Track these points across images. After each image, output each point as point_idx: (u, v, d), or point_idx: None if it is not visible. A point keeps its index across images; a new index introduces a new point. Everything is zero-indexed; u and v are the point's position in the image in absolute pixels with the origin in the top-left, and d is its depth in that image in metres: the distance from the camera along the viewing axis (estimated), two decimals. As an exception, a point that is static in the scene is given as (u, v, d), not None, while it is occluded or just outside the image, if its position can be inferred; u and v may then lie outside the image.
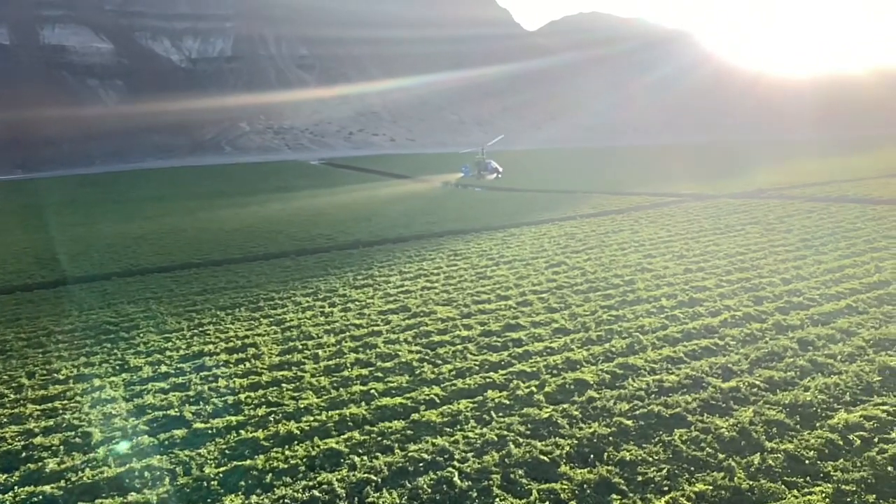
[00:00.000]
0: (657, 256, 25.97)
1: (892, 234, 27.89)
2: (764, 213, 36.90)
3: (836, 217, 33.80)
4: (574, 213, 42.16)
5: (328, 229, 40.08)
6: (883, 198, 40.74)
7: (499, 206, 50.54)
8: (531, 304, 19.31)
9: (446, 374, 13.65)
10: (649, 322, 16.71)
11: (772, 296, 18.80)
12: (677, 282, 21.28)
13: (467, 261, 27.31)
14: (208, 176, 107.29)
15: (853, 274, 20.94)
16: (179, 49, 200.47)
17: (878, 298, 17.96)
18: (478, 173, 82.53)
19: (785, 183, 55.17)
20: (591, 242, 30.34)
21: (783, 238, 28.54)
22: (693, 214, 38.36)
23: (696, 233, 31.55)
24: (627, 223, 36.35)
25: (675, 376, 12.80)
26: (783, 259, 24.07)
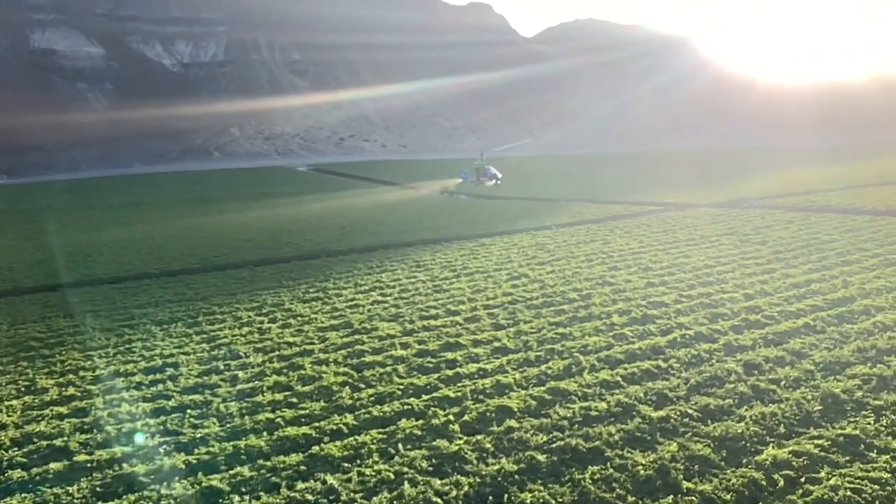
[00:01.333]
0: (622, 269, 25.14)
1: (866, 246, 27.11)
2: (742, 224, 36.12)
3: (814, 228, 33.03)
4: (551, 223, 41.32)
5: (298, 238, 39.20)
6: (864, 208, 40.01)
7: (479, 214, 49.72)
8: (479, 321, 18.45)
9: (365, 399, 12.76)
10: (594, 341, 15.85)
11: (730, 313, 17.96)
12: (635, 297, 20.44)
13: (428, 272, 26.45)
14: (192, 182, 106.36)
15: (818, 289, 20.11)
16: (171, 53, 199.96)
17: (839, 316, 17.14)
18: (477, 179, 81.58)
19: (771, 192, 54.49)
20: (559, 253, 29.51)
21: (756, 250, 27.74)
22: (670, 224, 37.57)
23: (668, 244, 30.74)
24: (602, 233, 35.54)
25: (605, 403, 11.93)
26: (751, 273, 23.24)
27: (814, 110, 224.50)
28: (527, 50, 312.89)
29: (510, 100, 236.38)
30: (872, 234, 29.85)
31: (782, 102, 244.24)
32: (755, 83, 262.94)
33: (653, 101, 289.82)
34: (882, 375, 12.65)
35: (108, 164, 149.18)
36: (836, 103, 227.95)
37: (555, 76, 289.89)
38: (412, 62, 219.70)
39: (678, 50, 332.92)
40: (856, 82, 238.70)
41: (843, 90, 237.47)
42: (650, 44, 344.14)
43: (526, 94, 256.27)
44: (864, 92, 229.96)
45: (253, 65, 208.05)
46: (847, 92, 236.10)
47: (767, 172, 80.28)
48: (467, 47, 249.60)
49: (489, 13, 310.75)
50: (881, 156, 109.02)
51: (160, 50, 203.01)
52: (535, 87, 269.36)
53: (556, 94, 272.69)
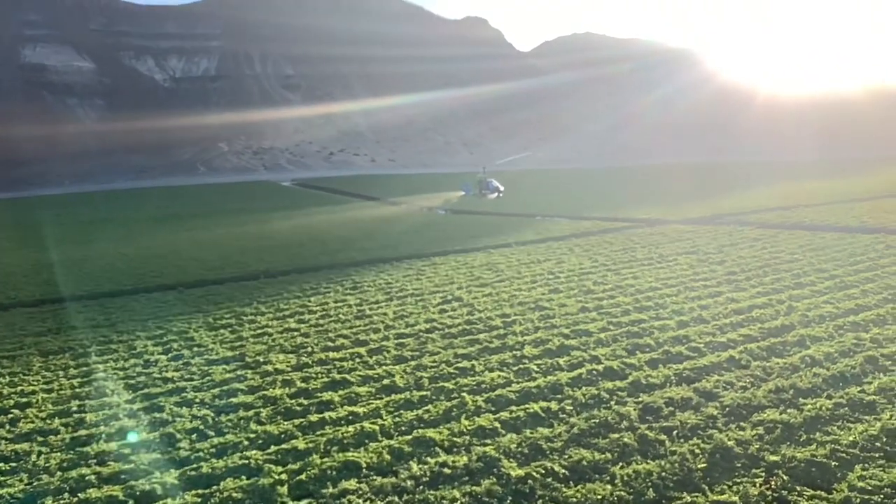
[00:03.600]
0: (563, 291, 23.72)
1: (825, 266, 25.67)
2: (707, 242, 34.71)
3: (779, 246, 31.63)
4: (515, 240, 40.05)
5: (250, 257, 37.84)
6: (837, 225, 38.63)
7: (446, 231, 48.38)
8: (383, 352, 17.00)
9: (204, 451, 11.29)
10: (493, 378, 14.39)
11: (653, 344, 16.50)
12: (562, 323, 19.01)
13: (361, 295, 25.03)
14: (172, 197, 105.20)
15: (759, 316, 18.67)
16: (163, 68, 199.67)
17: (770, 348, 15.68)
18: (479, 192, 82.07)
19: (749, 207, 53.12)
20: (506, 274, 28.11)
21: (710, 271, 26.30)
22: (633, 242, 36.17)
23: (622, 263, 29.33)
24: (560, 252, 34.18)
25: (467, 458, 10.45)
26: (695, 297, 21.80)
27: (815, 123, 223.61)
28: (523, 64, 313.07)
29: (505, 114, 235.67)
30: (836, 254, 28.42)
31: (783, 115, 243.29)
32: (755, 96, 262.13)
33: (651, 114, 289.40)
34: (789, 423, 11.18)
35: (92, 180, 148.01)
36: (838, 116, 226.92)
37: (551, 90, 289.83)
38: (405, 76, 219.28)
39: (677, 63, 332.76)
40: (858, 95, 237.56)
41: (845, 103, 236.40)
42: (648, 57, 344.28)
43: (521, 109, 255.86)
44: (867, 105, 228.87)
45: (245, 79, 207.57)
46: (849, 105, 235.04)
47: (754, 187, 79.02)
48: (462, 61, 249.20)
49: (485, 27, 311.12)
50: (875, 170, 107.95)
51: (152, 65, 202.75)
52: (530, 102, 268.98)
53: (552, 109, 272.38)
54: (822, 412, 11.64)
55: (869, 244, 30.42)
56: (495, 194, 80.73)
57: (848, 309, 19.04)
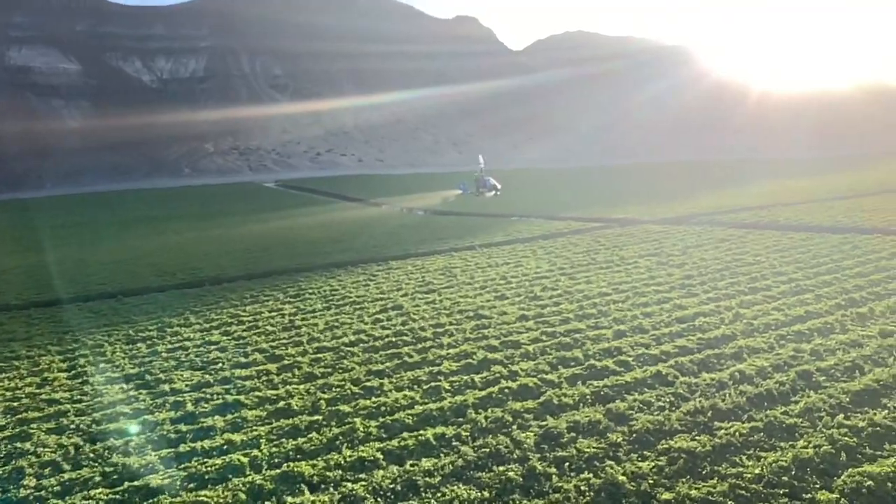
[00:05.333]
0: (509, 298, 22.67)
1: (786, 269, 24.67)
2: (673, 243, 33.71)
3: (745, 248, 30.63)
4: (481, 242, 38.97)
5: (207, 262, 36.74)
6: (810, 224, 37.67)
7: (416, 232, 47.25)
8: (294, 369, 15.92)
9: (46, 492, 10.17)
10: (397, 399, 13.32)
11: (581, 357, 15.44)
12: (494, 334, 17.96)
13: (301, 304, 23.95)
14: (151, 200, 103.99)
15: (702, 325, 17.64)
16: (150, 69, 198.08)
17: (702, 362, 14.64)
18: (476, 190, 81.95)
19: (728, 206, 52.16)
20: (459, 279, 27.06)
21: (667, 274, 25.27)
22: (599, 244, 35.15)
23: (581, 266, 28.29)
24: (523, 254, 33.15)
25: (329, 497, 9.37)
26: (643, 303, 20.76)
27: (810, 121, 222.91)
28: (514, 62, 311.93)
29: (495, 113, 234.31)
30: (800, 256, 27.41)
31: (778, 113, 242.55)
32: (750, 94, 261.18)
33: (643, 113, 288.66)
34: (695, 452, 10.13)
35: (73, 182, 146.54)
36: (833, 113, 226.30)
37: (542, 88, 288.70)
38: (395, 74, 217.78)
39: (670, 61, 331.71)
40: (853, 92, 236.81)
41: (840, 100, 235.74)
42: (641, 55, 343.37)
43: (512, 107, 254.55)
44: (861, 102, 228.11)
45: (233, 80, 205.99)
46: (843, 102, 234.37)
47: (738, 185, 78.18)
48: (452, 59, 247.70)
49: (475, 26, 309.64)
50: (866, 167, 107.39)
51: (139, 66, 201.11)
52: (522, 100, 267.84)
53: (543, 107, 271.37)
54: (734, 438, 10.60)
55: (836, 245, 29.41)
56: (492, 192, 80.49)
57: (796, 316, 18.03)
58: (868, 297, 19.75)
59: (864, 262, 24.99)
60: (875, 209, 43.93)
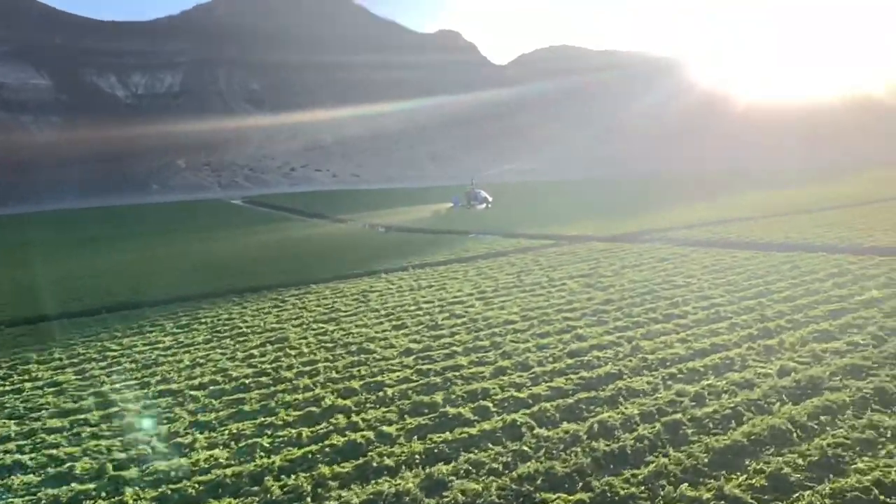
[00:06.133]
0: (406, 328, 20.95)
1: (713, 293, 23.06)
2: (612, 262, 32.09)
3: (682, 267, 29.08)
4: (421, 261, 37.28)
5: (125, 285, 34.78)
6: (760, 241, 36.25)
7: (363, 251, 45.42)
8: (115, 419, 13.99)
9: None
10: (200, 459, 11.43)
11: (439, 403, 13.66)
12: (364, 373, 16.21)
13: (185, 335, 22.14)
14: (109, 218, 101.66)
15: (592, 360, 15.99)
16: (126, 85, 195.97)
17: (569, 409, 12.92)
18: (467, 203, 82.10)
19: (687, 221, 50.75)
20: (369, 305, 25.33)
21: (586, 299, 23.58)
22: (537, 263, 33.52)
23: (504, 290, 26.61)
24: (452, 276, 31.49)
25: None
26: (544, 333, 19.11)
27: (798, 130, 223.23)
28: (497, 76, 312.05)
29: (477, 127, 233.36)
30: (735, 276, 25.83)
31: (764, 123, 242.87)
32: (736, 104, 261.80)
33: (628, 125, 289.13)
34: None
35: (35, 199, 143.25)
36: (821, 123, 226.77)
37: (525, 102, 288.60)
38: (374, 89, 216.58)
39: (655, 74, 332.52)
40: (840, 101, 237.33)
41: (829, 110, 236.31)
42: (625, 69, 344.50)
43: (494, 121, 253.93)
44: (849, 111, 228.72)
45: (209, 94, 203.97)
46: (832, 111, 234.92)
47: (707, 198, 76.96)
48: (433, 72, 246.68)
49: (458, 40, 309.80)
50: (844, 178, 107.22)
51: (114, 81, 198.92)
52: (504, 114, 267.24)
53: (526, 121, 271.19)
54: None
55: (776, 265, 27.84)
56: (483, 205, 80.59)
57: (698, 350, 16.32)
58: (785, 326, 18.09)
59: (797, 285, 23.40)
60: (834, 224, 42.55)
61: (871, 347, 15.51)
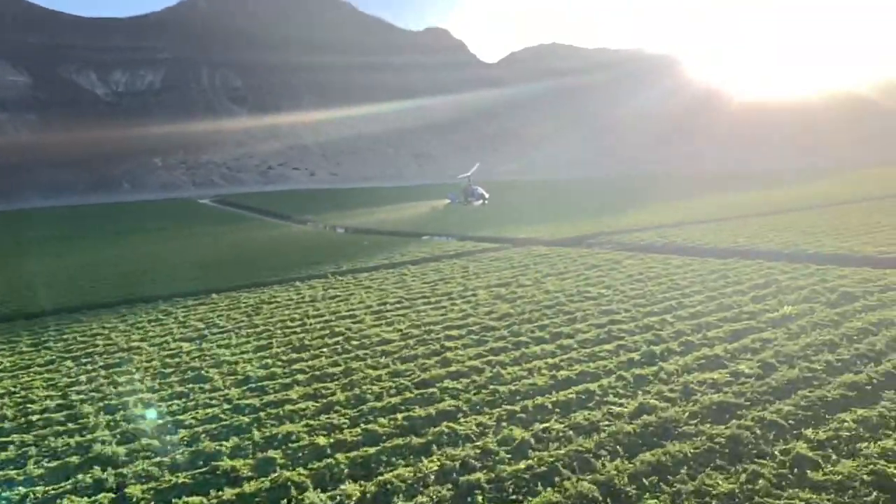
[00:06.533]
0: (267, 350, 18.87)
1: (620, 307, 21.07)
2: (539, 269, 30.15)
3: (607, 276, 27.19)
4: (350, 266, 35.31)
5: (48, 289, 32.84)
6: (705, 246, 34.42)
7: (300, 255, 43.30)
8: None
9: None
10: None
11: (207, 456, 11.49)
12: (171, 410, 13.98)
13: (32, 355, 19.96)
14: (70, 218, 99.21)
15: (424, 397, 13.84)
16: (106, 82, 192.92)
17: (357, 464, 10.72)
18: (464, 199, 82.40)
19: (642, 223, 49.00)
20: (252, 321, 23.25)
21: (485, 313, 21.57)
22: (466, 270, 31.60)
23: (408, 301, 24.69)
24: (368, 283, 29.70)
25: None
26: (406, 358, 17.03)
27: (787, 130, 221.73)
28: (486, 75, 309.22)
29: (463, 126, 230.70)
30: (654, 287, 23.91)
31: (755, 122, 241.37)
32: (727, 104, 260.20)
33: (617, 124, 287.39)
34: None
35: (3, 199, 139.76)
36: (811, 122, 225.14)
37: (513, 102, 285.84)
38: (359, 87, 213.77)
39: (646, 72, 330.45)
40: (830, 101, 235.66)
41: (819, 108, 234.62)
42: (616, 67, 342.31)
43: (481, 120, 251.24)
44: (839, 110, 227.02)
45: (190, 92, 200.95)
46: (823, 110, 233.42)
47: (680, 198, 75.51)
48: (420, 71, 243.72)
49: (446, 38, 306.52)
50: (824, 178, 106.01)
51: (94, 78, 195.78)
52: (492, 113, 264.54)
53: (513, 120, 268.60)
54: None
55: (706, 273, 25.86)
56: (480, 201, 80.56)
57: (561, 380, 14.34)
58: (674, 350, 16.06)
59: (713, 298, 21.40)
60: (786, 228, 40.63)
61: (753, 379, 13.48)
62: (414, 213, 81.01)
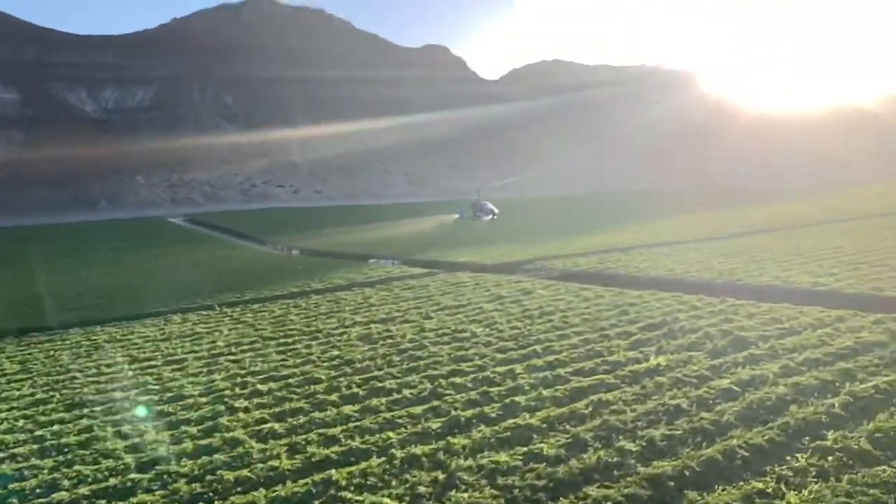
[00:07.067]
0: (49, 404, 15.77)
1: (481, 353, 17.88)
2: (438, 301, 27.20)
3: (511, 308, 24.04)
4: (254, 295, 32.69)
5: None
6: (637, 275, 31.20)
7: (215, 282, 40.50)
8: None
9: None
10: None
11: None
12: None
13: None
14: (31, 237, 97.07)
15: (115, 489, 10.78)
16: (96, 99, 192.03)
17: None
18: (473, 215, 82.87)
19: (590, 247, 46.07)
20: (70, 367, 20.24)
21: (325, 361, 18.53)
22: (363, 303, 28.73)
23: (261, 343, 21.75)
24: (249, 317, 26.72)
25: None
26: (163, 427, 13.94)
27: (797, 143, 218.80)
28: (486, 91, 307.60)
29: (459, 144, 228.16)
30: (543, 326, 20.77)
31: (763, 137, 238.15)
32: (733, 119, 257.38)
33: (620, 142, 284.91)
34: None
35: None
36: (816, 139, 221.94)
37: (513, 119, 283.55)
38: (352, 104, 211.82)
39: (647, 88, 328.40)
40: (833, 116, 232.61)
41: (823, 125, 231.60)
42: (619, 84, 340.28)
43: (479, 138, 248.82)
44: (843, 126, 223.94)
45: (181, 109, 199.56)
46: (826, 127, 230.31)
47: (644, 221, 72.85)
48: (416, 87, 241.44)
49: (445, 54, 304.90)
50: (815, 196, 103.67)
51: (84, 95, 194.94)
52: (491, 132, 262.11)
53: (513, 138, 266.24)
54: None
55: (610, 308, 22.83)
56: (489, 216, 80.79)
57: (315, 463, 11.23)
58: (486, 417, 12.97)
59: (589, 342, 18.35)
60: (738, 253, 37.21)
61: (544, 465, 10.41)
62: (388, 233, 78.29)
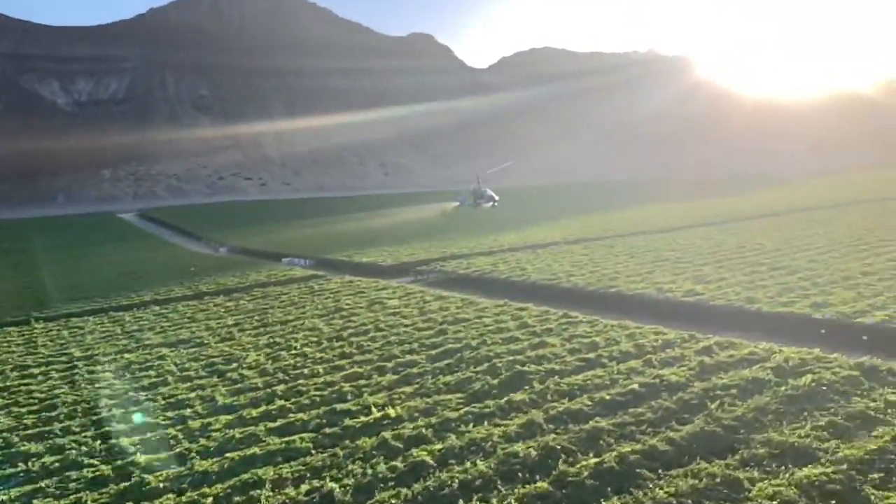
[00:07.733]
0: None
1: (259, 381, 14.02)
2: (281, 313, 23.58)
3: (340, 323, 20.21)
4: (148, 300, 29.10)
5: None
6: (504, 276, 27.28)
7: (94, 287, 36.63)
8: None
9: None
10: None
11: None
12: None
13: None
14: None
15: None
16: (69, 91, 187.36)
17: None
18: (474, 202, 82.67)
19: (508, 244, 41.75)
20: None
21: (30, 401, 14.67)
22: (209, 313, 24.97)
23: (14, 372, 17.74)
24: (51, 337, 22.80)
25: None
26: None
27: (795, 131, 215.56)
28: (474, 81, 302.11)
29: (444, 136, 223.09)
30: (376, 337, 16.89)
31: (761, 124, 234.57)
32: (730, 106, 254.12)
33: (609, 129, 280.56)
34: None
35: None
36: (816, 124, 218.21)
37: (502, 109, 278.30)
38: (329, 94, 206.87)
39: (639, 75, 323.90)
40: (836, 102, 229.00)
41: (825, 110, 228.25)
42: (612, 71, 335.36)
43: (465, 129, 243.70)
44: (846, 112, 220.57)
45: (154, 100, 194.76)
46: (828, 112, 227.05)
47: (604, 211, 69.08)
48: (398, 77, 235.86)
49: (430, 42, 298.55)
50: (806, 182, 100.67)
51: (56, 88, 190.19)
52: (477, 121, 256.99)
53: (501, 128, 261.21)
54: None
55: (452, 320, 18.86)
56: (490, 203, 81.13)
57: None
58: None
59: (387, 365, 14.44)
60: (647, 251, 32.95)
61: None
62: (333, 229, 73.79)
